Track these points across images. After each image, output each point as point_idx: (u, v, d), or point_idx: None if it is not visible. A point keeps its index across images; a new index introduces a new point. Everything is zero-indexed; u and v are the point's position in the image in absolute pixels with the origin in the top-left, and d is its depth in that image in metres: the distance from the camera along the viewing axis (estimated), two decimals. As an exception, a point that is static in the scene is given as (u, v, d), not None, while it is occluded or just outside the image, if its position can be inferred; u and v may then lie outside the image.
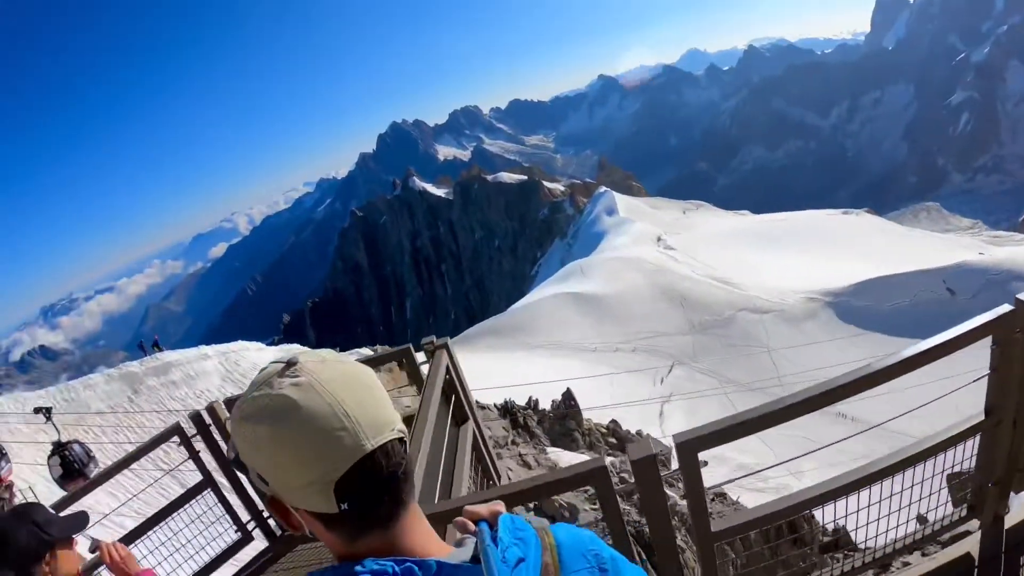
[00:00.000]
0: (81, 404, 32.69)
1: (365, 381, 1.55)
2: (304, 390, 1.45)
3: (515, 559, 1.50)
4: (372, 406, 1.50)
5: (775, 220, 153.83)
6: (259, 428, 1.47)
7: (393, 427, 1.52)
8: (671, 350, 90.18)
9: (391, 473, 1.49)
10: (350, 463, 1.43)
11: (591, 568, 1.62)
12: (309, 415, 1.43)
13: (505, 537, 1.54)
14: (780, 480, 60.52)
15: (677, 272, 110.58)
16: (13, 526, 3.47)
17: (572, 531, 1.71)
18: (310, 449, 1.43)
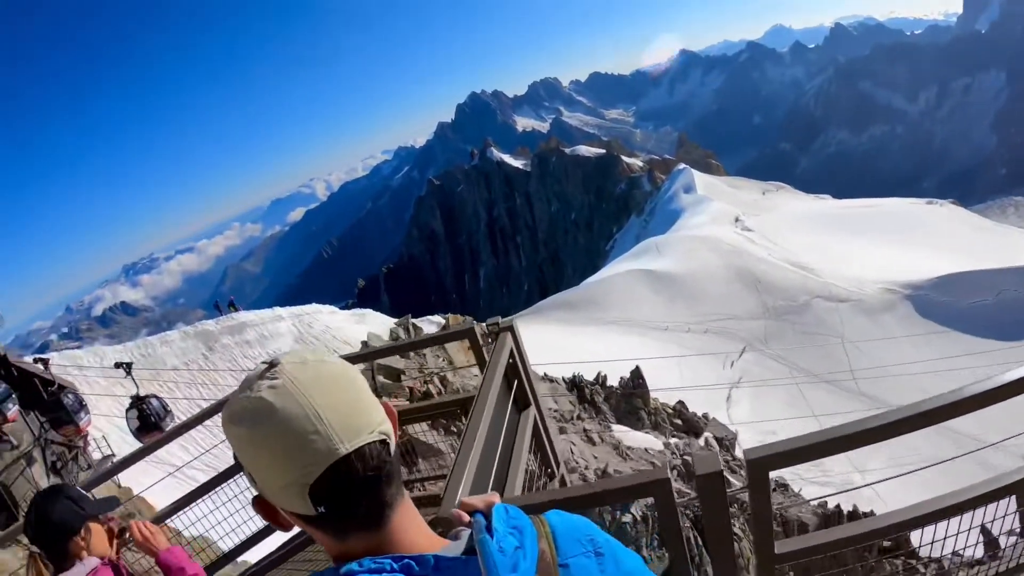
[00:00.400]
0: (158, 360, 33.97)
1: (343, 383, 1.52)
2: (279, 393, 1.45)
3: (512, 548, 1.50)
4: (348, 409, 1.48)
5: (857, 206, 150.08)
6: (240, 430, 1.48)
7: (372, 429, 1.50)
8: (742, 334, 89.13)
9: (369, 476, 1.47)
10: (323, 467, 1.42)
11: (587, 553, 1.66)
12: (283, 418, 1.42)
13: (500, 527, 1.55)
14: (844, 475, 59.83)
15: (753, 254, 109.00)
16: (50, 502, 3.62)
17: (566, 517, 1.76)
18: (284, 452, 1.43)
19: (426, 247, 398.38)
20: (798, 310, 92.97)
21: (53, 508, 3.59)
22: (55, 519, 3.56)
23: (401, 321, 46.80)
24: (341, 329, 41.59)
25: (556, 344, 79.09)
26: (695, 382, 67.33)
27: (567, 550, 1.63)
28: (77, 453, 23.62)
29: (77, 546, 3.56)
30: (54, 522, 3.56)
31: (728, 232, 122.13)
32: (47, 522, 3.57)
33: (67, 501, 3.64)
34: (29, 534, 3.64)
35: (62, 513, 3.58)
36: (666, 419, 51.00)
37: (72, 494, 3.72)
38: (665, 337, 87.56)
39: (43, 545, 3.60)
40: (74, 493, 3.74)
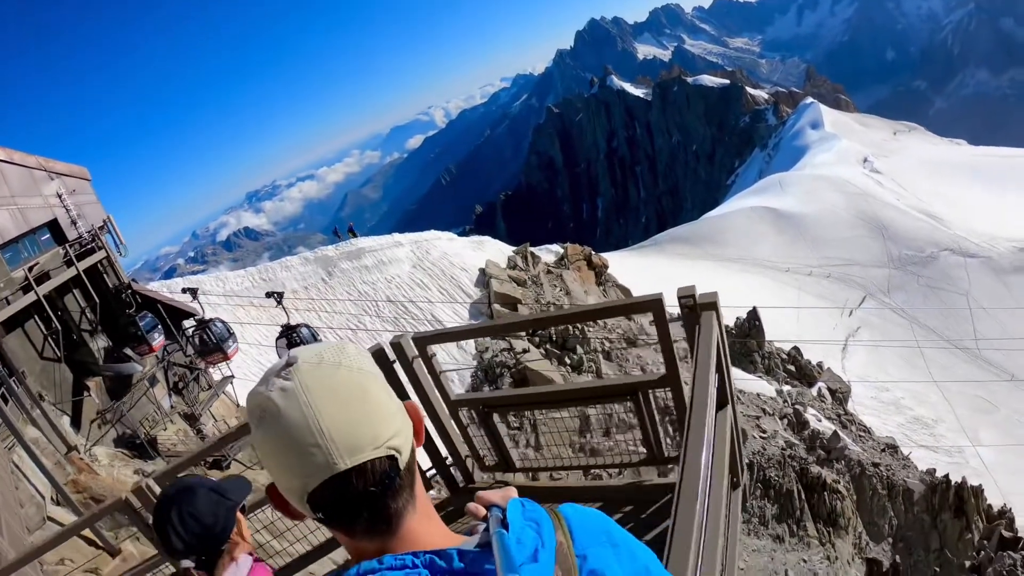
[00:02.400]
0: (278, 284, 35.03)
1: (353, 392, 1.49)
2: (288, 397, 1.44)
3: (531, 539, 1.51)
4: (354, 422, 1.45)
5: (994, 155, 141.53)
6: (252, 425, 1.51)
7: (377, 444, 1.47)
8: (864, 281, 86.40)
9: (368, 492, 1.46)
10: (319, 480, 1.42)
11: (603, 544, 1.67)
12: (286, 425, 1.42)
13: (516, 520, 1.55)
14: (954, 440, 57.55)
15: (881, 199, 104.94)
16: (194, 502, 3.02)
17: (581, 510, 1.76)
18: (284, 459, 1.44)
19: (544, 175, 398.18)
20: (924, 262, 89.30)
21: (202, 509, 3.01)
22: (211, 522, 3.01)
23: (519, 249, 46.91)
24: (459, 255, 41.91)
25: (672, 277, 78.04)
26: (813, 327, 65.87)
27: (584, 541, 1.64)
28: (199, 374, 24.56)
29: (232, 544, 3.08)
30: (209, 526, 3.00)
31: (855, 173, 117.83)
32: (203, 527, 2.99)
33: (211, 494, 3.07)
34: (178, 547, 2.99)
35: (215, 512, 3.03)
36: (779, 364, 50.18)
37: (208, 484, 3.12)
38: (785, 279, 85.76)
39: (201, 553, 3.02)
40: (208, 483, 3.13)
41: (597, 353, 38.32)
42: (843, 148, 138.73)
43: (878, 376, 63.82)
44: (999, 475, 50.30)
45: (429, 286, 38.50)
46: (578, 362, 37.27)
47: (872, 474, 36.77)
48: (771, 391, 44.11)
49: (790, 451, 36.59)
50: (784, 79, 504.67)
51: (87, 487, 11.45)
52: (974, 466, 51.28)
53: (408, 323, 35.52)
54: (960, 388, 63.37)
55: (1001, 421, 61.61)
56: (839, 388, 50.12)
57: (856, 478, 36.47)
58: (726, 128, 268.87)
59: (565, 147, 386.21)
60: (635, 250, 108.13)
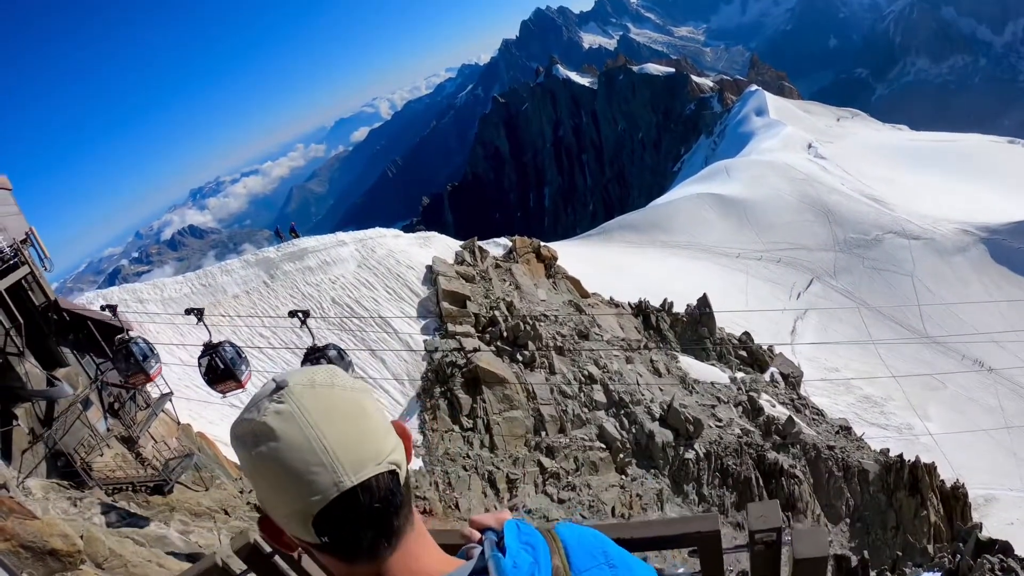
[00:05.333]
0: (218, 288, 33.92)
1: (352, 410, 1.49)
2: (285, 419, 1.42)
3: (527, 563, 1.51)
4: (356, 439, 1.45)
5: (934, 140, 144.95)
6: (243, 452, 1.47)
7: (380, 460, 1.47)
8: (811, 265, 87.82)
9: (373, 509, 1.45)
10: (327, 500, 1.40)
11: (600, 566, 1.66)
12: (286, 447, 1.41)
13: (512, 544, 1.56)
14: (904, 418, 58.60)
15: (826, 183, 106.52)
16: None
17: (577, 530, 1.74)
18: (286, 482, 1.42)
19: (490, 165, 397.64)
20: (869, 244, 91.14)
21: None
22: None
23: (467, 244, 46.33)
24: (405, 253, 41.25)
25: (621, 266, 78.81)
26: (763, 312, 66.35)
27: (580, 564, 1.63)
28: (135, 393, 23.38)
29: None
30: None
31: (800, 159, 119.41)
32: None
33: None
34: None
35: None
36: (731, 350, 50.44)
37: None
38: (733, 264, 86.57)
39: None
40: None
41: (549, 349, 37.94)
42: (788, 134, 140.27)
43: (828, 358, 64.73)
44: (949, 451, 51.34)
45: (375, 286, 37.75)
46: (530, 359, 36.86)
47: (827, 457, 37.16)
48: (725, 378, 44.27)
49: (746, 438, 36.74)
50: (729, 67, 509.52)
51: (14, 534, 10.60)
52: (925, 443, 52.27)
53: (354, 324, 34.75)
54: (908, 367, 64.48)
55: (948, 398, 62.96)
56: (791, 372, 50.57)
57: (812, 462, 36.82)
58: (672, 116, 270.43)
59: (511, 137, 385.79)
60: (584, 239, 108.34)
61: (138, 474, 20.30)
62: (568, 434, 34.80)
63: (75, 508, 16.27)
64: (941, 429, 56.05)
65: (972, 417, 59.86)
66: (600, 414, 36.18)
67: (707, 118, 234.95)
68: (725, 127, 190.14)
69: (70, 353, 21.42)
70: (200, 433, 26.17)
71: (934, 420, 58.35)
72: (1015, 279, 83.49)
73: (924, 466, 34.26)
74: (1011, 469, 53.55)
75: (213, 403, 25.98)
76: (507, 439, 33.33)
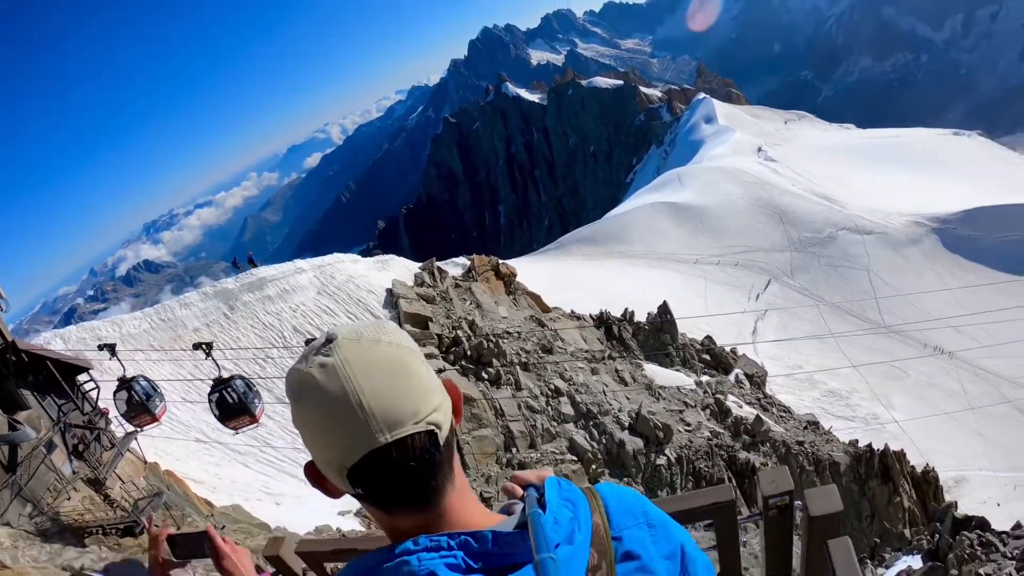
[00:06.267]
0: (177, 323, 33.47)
1: (394, 368, 1.50)
2: (328, 372, 1.45)
3: (567, 519, 1.53)
4: (394, 396, 1.46)
5: (881, 136, 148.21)
6: (290, 401, 1.52)
7: (417, 419, 1.47)
8: (768, 266, 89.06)
9: (408, 467, 1.45)
10: (360, 455, 1.42)
11: (640, 524, 1.68)
12: (326, 400, 1.43)
13: (553, 500, 1.58)
14: (870, 409, 59.67)
15: (777, 185, 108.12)
16: None
17: (618, 489, 1.76)
18: (324, 433, 1.45)
19: (444, 186, 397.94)
20: (823, 242, 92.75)
21: None
22: None
23: (425, 265, 46.31)
24: (364, 277, 41.13)
25: (580, 279, 79.14)
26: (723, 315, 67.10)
27: (620, 522, 1.65)
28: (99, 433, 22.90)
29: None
30: None
31: (751, 163, 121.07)
32: None
33: None
34: None
35: None
36: (695, 355, 50.79)
37: None
38: (691, 270, 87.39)
39: None
40: None
41: (514, 365, 38.00)
42: (737, 140, 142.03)
43: (790, 355, 65.60)
44: (916, 437, 52.35)
45: (336, 312, 37.57)
46: (496, 376, 36.88)
47: (798, 452, 37.54)
48: (690, 383, 44.57)
49: (716, 440, 37.00)
50: (676, 77, 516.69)
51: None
52: (892, 431, 53.17)
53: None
54: (869, 358, 65.67)
55: (911, 385, 64.15)
56: (755, 372, 51.03)
57: (783, 458, 37.19)
58: (622, 128, 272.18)
59: (464, 156, 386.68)
60: (541, 254, 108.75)
61: (107, 516, 19.97)
62: (538, 449, 34.82)
63: (45, 555, 16.03)
64: (907, 416, 57.14)
65: (936, 402, 61.08)
66: (569, 427, 36.26)
67: (657, 128, 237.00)
68: (675, 136, 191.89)
69: (31, 395, 21.04)
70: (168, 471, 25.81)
71: (899, 408, 59.45)
72: (968, 265, 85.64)
73: (893, 454, 34.78)
74: (979, 450, 54.80)
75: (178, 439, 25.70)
76: (478, 458, 33.28)
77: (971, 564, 8.50)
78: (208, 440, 27.18)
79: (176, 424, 27.01)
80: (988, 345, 68.54)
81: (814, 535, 3.57)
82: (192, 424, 27.41)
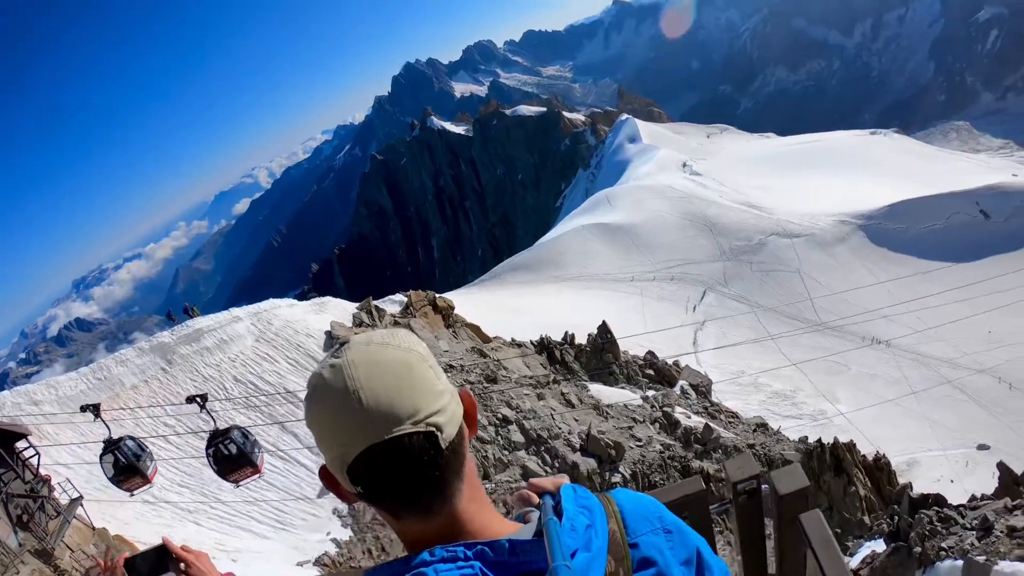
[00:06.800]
0: (115, 381, 32.69)
1: (397, 368, 1.52)
2: (334, 371, 1.50)
3: (583, 526, 1.54)
4: (393, 394, 1.47)
5: (802, 142, 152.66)
6: (305, 401, 1.58)
7: (416, 419, 1.47)
8: (702, 277, 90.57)
9: (403, 466, 1.46)
10: (357, 450, 1.45)
11: (656, 530, 1.69)
12: (330, 396, 1.48)
13: (569, 507, 1.58)
14: (815, 405, 61.04)
15: (705, 198, 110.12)
16: None
17: (634, 496, 1.78)
18: (327, 431, 1.49)
19: (375, 224, 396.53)
20: (754, 249, 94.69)
21: None
22: None
23: (363, 305, 46.15)
24: (302, 322, 40.78)
25: (518, 306, 79.36)
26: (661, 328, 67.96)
27: (636, 528, 1.66)
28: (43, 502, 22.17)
29: None
30: None
31: (677, 178, 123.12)
32: None
33: None
34: None
35: None
36: (638, 371, 51.26)
37: None
38: (627, 288, 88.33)
39: None
40: None
41: (459, 397, 37.97)
42: (662, 157, 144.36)
43: (732, 362, 66.68)
44: (864, 426, 53.65)
45: (276, 359, 37.13)
46: (441, 409, 36.82)
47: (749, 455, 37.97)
48: (637, 399, 44.95)
49: (668, 452, 37.37)
50: (598, 100, 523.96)
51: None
52: (840, 424, 54.38)
53: (260, 401, 34.13)
54: (810, 356, 67.18)
55: (853, 378, 65.79)
56: (700, 382, 51.66)
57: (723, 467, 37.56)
58: (548, 154, 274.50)
59: (393, 193, 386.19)
60: (477, 285, 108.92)
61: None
62: (492, 479, 34.82)
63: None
64: (852, 408, 58.63)
65: (879, 391, 62.96)
66: (521, 454, 36.32)
67: (583, 152, 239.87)
68: (601, 158, 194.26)
69: (-32, 468, 20.52)
70: (118, 536, 25.27)
71: (844, 401, 60.92)
72: (895, 257, 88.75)
73: (843, 445, 35.41)
74: (926, 432, 56.48)
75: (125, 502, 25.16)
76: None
77: (933, 540, 8.89)
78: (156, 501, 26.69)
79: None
80: (922, 331, 70.87)
81: (785, 512, 3.75)
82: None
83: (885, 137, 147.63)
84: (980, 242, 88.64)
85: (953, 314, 70.11)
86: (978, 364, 66.62)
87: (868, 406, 58.38)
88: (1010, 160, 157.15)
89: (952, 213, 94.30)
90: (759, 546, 4.16)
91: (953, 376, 65.19)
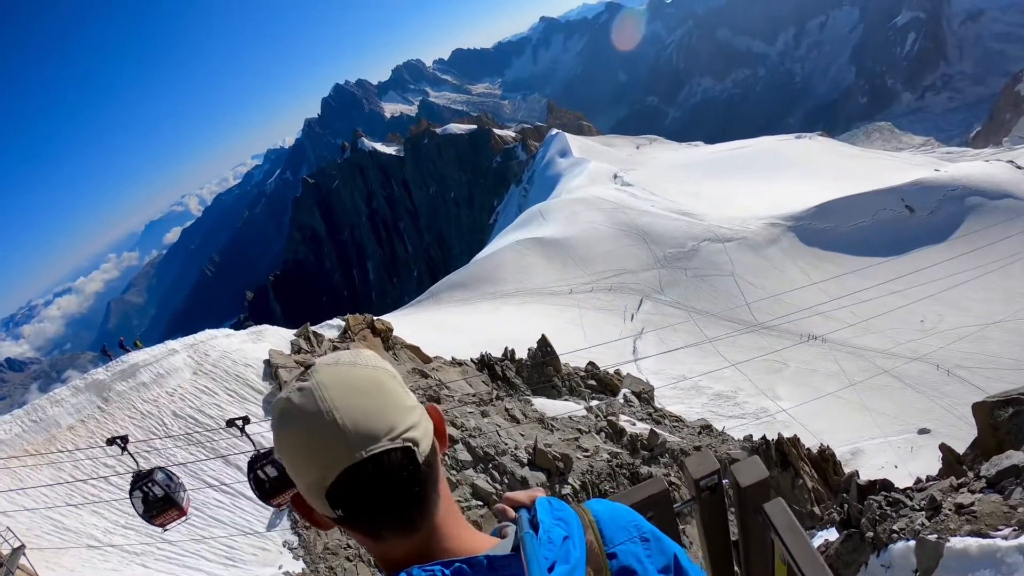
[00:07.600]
0: (50, 422, 31.70)
1: (369, 387, 1.52)
2: (304, 395, 1.49)
3: (560, 538, 1.52)
4: (368, 413, 1.47)
5: (729, 149, 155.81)
6: (273, 429, 1.54)
7: (393, 436, 1.47)
8: (638, 286, 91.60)
9: (385, 483, 1.45)
10: (337, 471, 1.42)
11: (633, 539, 1.69)
12: (302, 420, 1.45)
13: (545, 520, 1.57)
14: (757, 403, 62.17)
15: (636, 208, 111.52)
16: None
17: (610, 506, 1.78)
18: (302, 454, 1.46)
19: (310, 248, 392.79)
20: (688, 255, 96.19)
21: None
22: None
23: (300, 331, 45.60)
24: (240, 351, 40.12)
25: (456, 325, 79.36)
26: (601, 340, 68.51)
27: (613, 537, 1.67)
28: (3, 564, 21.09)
29: None
30: None
31: (609, 190, 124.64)
32: None
33: None
34: None
35: None
36: (580, 382, 51.49)
37: None
38: (565, 301, 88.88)
39: None
40: None
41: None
42: (593, 169, 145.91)
43: (672, 367, 67.52)
44: (806, 421, 54.77)
45: (215, 391, 36.45)
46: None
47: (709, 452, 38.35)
48: (581, 410, 45.12)
49: (616, 460, 37.59)
50: (528, 116, 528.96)
51: None
52: (782, 420, 55.42)
53: (203, 437, 33.52)
54: (748, 356, 68.35)
55: (792, 375, 67.19)
56: (642, 389, 52.04)
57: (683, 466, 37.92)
58: (480, 171, 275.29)
59: (326, 216, 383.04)
60: (414, 306, 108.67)
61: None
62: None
63: None
64: (794, 404, 59.97)
65: (818, 385, 64.46)
66: (469, 472, 36.21)
67: (514, 167, 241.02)
68: (533, 173, 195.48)
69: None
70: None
71: (785, 398, 62.20)
72: (826, 255, 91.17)
73: (788, 440, 35.94)
74: (867, 421, 58.05)
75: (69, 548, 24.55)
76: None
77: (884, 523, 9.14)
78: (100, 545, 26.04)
79: (64, 532, 25.75)
80: (855, 324, 72.68)
81: (748, 504, 3.83)
82: (81, 530, 26.18)
83: (810, 140, 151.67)
84: (907, 236, 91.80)
85: (886, 306, 72.21)
86: (913, 352, 68.75)
87: (809, 400, 59.71)
88: (932, 156, 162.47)
89: (879, 210, 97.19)
90: (723, 536, 4.23)
91: (889, 366, 67.08)
